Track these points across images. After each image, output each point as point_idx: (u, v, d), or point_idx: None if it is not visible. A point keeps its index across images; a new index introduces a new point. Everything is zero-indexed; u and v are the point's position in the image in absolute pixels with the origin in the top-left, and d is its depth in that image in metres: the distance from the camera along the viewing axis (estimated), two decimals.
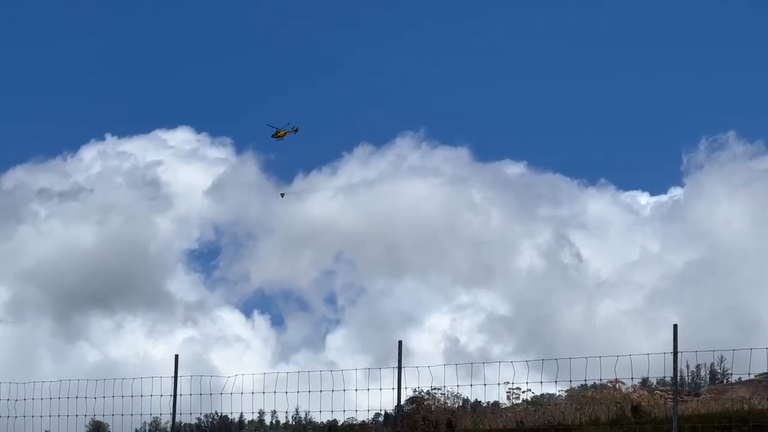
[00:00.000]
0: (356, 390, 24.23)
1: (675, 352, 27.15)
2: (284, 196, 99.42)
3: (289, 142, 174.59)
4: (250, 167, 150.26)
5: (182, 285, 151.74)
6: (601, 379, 30.97)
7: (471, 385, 25.51)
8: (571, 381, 28.98)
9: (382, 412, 49.42)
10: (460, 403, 69.26)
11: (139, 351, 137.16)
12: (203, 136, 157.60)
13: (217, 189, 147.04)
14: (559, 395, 58.19)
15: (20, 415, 25.97)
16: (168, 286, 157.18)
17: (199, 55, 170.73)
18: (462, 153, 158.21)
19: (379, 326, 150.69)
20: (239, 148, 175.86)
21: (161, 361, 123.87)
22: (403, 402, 26.85)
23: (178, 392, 24.66)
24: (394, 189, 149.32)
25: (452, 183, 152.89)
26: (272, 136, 68.30)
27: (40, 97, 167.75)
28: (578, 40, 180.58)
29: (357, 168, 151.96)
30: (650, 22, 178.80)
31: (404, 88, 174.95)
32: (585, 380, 29.15)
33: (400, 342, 24.64)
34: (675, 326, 27.13)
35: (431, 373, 24.74)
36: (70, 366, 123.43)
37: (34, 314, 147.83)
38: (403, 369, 24.31)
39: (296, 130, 69.15)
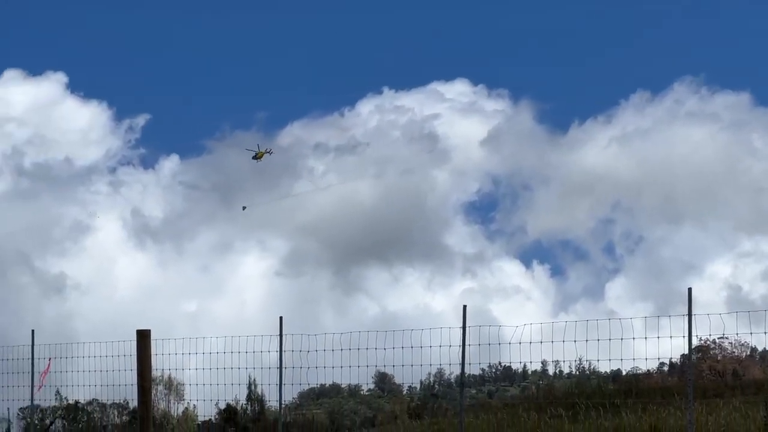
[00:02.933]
0: (645, 338, 23.76)
1: None
2: (245, 209, 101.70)
3: (566, 91, 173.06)
4: (525, 117, 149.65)
5: (460, 237, 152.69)
6: None
7: (766, 332, 24.50)
8: None
9: (667, 361, 48.49)
10: (748, 352, 67.37)
11: (419, 303, 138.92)
12: (480, 88, 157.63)
13: (492, 140, 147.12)
14: None
15: (312, 366, 26.50)
16: (446, 239, 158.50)
17: (477, 7, 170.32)
18: (743, 98, 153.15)
19: (658, 275, 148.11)
20: (515, 99, 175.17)
21: (441, 313, 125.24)
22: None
23: (467, 343, 24.69)
24: (672, 136, 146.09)
25: (732, 128, 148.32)
26: (252, 158, 73.47)
27: (318, 53, 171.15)
28: None
29: (633, 115, 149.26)
30: None
31: (684, 32, 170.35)
32: None
33: (689, 289, 23.97)
34: None
35: (722, 320, 23.95)
36: (350, 318, 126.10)
37: (313, 268, 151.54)
38: (693, 317, 23.68)
39: (270, 152, 74.40)
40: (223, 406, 48.63)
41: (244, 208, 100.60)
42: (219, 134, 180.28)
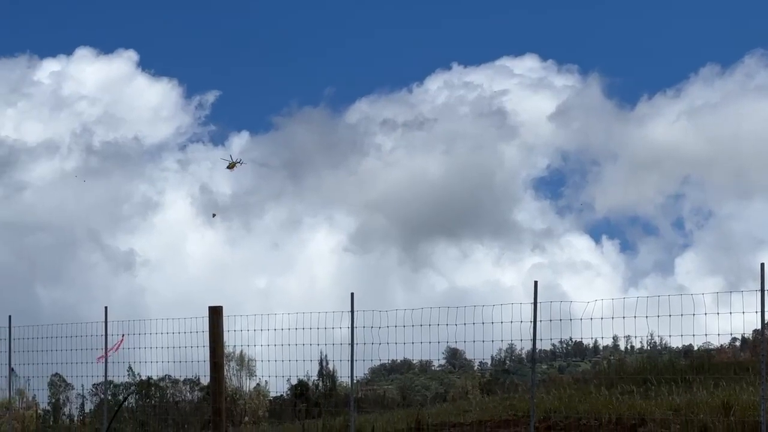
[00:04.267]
0: (718, 314, 23.58)
1: None
2: (215, 216, 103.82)
3: (636, 65, 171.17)
4: (593, 91, 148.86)
5: (529, 212, 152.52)
6: None
7: None
8: None
9: (739, 337, 48.04)
10: None
11: (488, 279, 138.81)
12: (549, 64, 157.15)
13: (561, 115, 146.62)
14: None
15: (384, 342, 26.56)
16: (514, 214, 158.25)
17: None
18: None
19: (728, 249, 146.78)
20: (584, 74, 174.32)
21: (510, 289, 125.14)
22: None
23: (538, 318, 24.65)
24: (742, 110, 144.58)
25: None
26: (226, 168, 77.19)
27: (386, 29, 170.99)
28: None
29: (702, 89, 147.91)
30: None
31: (755, 4, 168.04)
32: None
33: (762, 264, 23.71)
34: None
35: None
36: (419, 294, 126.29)
37: (381, 244, 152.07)
38: (766, 292, 23.45)
39: (241, 163, 78.52)
40: (294, 382, 48.94)
41: (213, 215, 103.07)
42: (286, 110, 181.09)
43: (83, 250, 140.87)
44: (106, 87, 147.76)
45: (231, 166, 74.03)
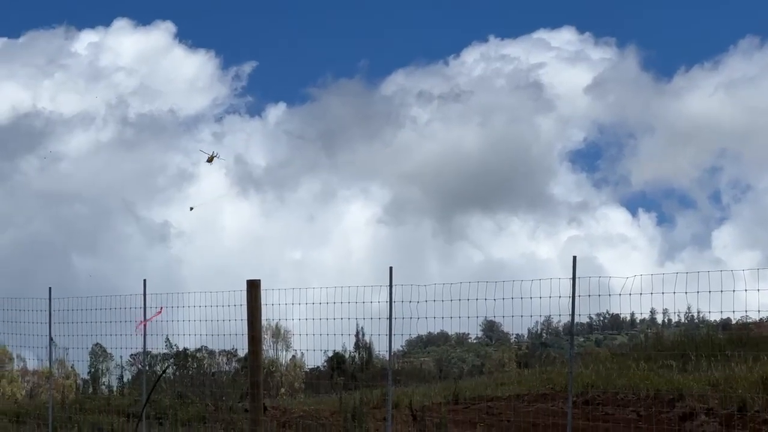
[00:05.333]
0: (758, 291, 23.38)
1: None
2: (192, 210, 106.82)
3: (674, 36, 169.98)
4: (630, 64, 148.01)
5: (565, 185, 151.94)
6: None
7: None
8: None
9: None
10: None
11: (524, 251, 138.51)
12: (587, 36, 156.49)
13: (597, 88, 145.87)
14: None
15: (421, 317, 26.47)
16: (550, 187, 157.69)
17: None
18: None
19: (766, 223, 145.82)
20: (621, 46, 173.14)
21: (546, 261, 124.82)
22: None
23: (577, 293, 24.52)
24: None
25: None
26: (206, 161, 79.66)
27: (423, 2, 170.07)
28: None
29: (740, 62, 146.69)
30: None
31: None
32: None
33: None
34: None
35: None
36: (454, 266, 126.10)
37: (416, 216, 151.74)
38: None
39: (218, 156, 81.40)
40: (330, 354, 49.00)
41: (191, 208, 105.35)
42: (322, 81, 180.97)
43: (119, 222, 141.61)
44: (144, 58, 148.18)
45: (210, 159, 76.57)
